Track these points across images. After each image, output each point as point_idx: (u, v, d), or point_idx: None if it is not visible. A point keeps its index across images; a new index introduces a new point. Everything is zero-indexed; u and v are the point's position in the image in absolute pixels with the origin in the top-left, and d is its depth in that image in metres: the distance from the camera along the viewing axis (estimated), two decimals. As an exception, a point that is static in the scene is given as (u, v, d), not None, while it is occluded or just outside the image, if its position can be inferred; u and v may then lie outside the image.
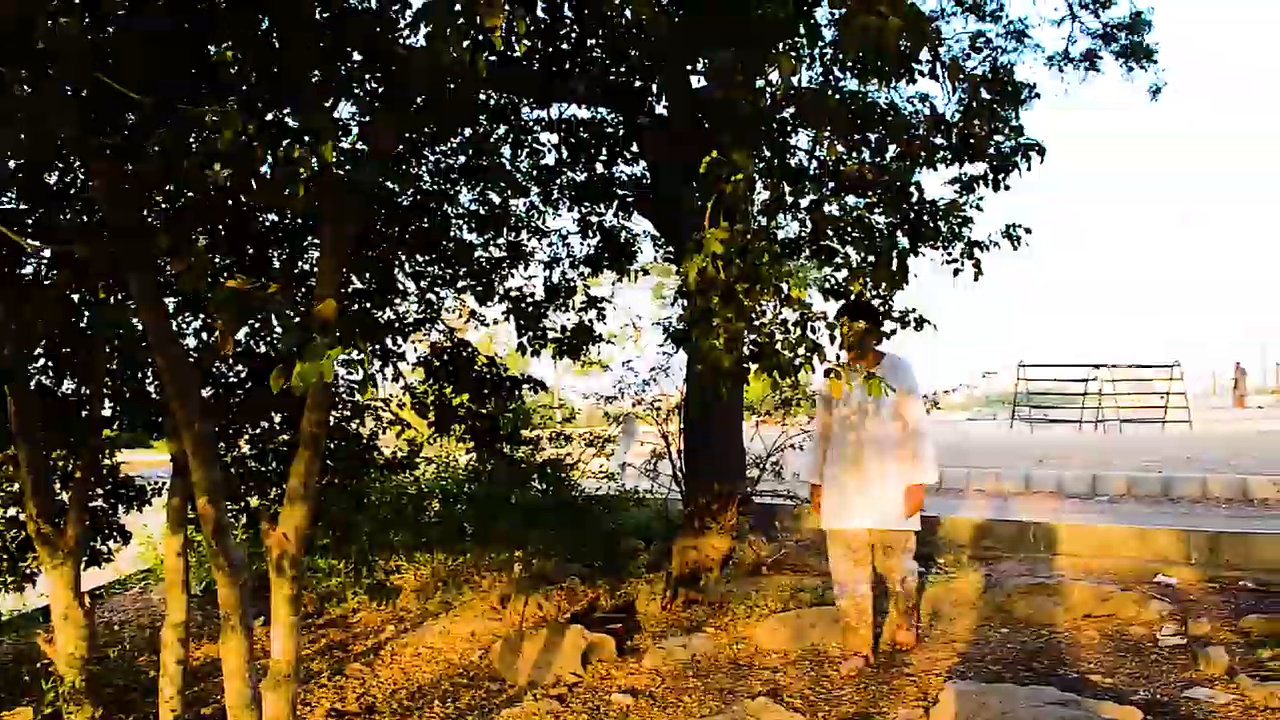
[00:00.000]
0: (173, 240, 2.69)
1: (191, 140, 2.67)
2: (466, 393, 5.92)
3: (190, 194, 3.30)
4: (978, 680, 4.74)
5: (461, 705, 5.17)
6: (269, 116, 2.97)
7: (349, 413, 6.36)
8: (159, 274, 3.38)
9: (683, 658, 5.72)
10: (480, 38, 2.23)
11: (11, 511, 5.90)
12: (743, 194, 3.18)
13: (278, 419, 6.20)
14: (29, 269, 4.55)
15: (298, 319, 2.59)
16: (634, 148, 7.34)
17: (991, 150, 4.68)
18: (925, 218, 4.40)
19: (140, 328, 5.01)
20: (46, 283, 4.40)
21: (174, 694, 4.94)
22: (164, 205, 3.76)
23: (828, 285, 5.54)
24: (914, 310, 4.99)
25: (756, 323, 3.33)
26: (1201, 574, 6.80)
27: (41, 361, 5.30)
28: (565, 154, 7.11)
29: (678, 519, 7.87)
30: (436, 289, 6.18)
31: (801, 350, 3.25)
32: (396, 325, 5.69)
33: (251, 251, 5.04)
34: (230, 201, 3.73)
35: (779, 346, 3.24)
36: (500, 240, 6.47)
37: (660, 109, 6.87)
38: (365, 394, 2.49)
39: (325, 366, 2.11)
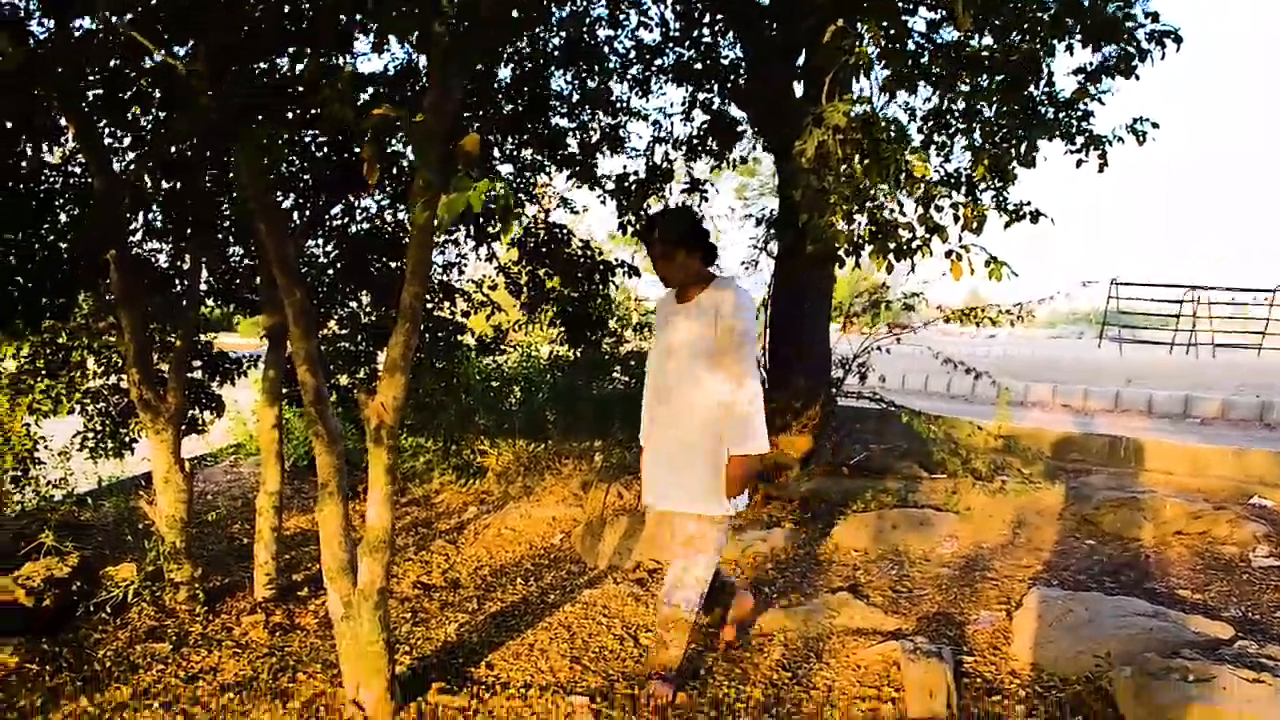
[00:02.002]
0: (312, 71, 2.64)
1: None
2: (559, 275, 5.90)
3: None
4: (1061, 589, 4.69)
5: (544, 584, 5.26)
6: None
7: (440, 294, 6.40)
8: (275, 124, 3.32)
9: (762, 550, 5.75)
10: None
11: (112, 380, 6.08)
12: (867, 65, 3.03)
13: (366, 300, 6.28)
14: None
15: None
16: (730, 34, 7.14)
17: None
18: (1048, 108, 4.16)
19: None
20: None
21: (269, 558, 5.11)
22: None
23: (943, 170, 5.18)
24: (1028, 203, 4.65)
25: (875, 202, 3.21)
26: (1299, 497, 6.62)
27: (139, 234, 5.40)
28: (674, 28, 6.89)
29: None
30: (528, 173, 6.11)
31: (921, 231, 3.13)
32: (491, 206, 5.63)
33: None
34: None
35: (898, 227, 3.12)
36: (597, 124, 6.35)
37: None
38: (508, 230, 2.43)
39: (474, 198, 2.08)
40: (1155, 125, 4.96)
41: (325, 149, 5.32)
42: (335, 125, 3.90)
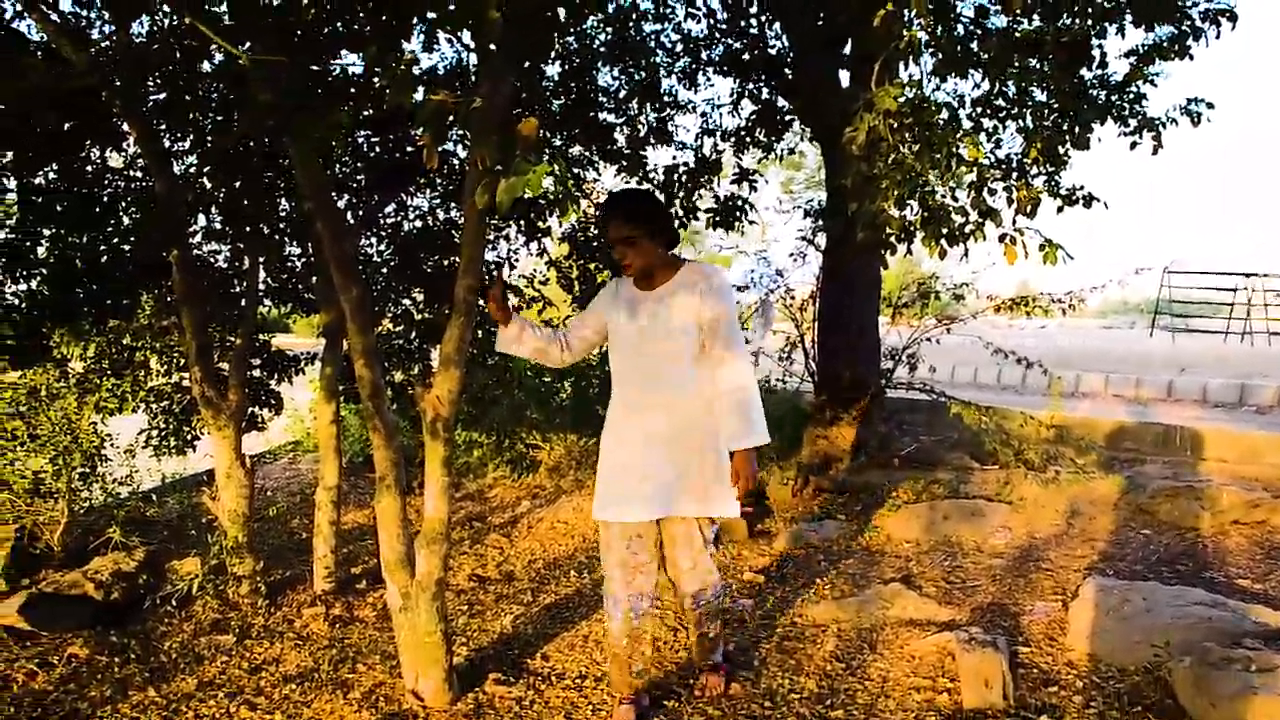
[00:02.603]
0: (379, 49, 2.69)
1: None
2: (610, 268, 5.94)
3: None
4: (1118, 579, 4.65)
5: (596, 576, 5.31)
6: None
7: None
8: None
9: (814, 542, 5.76)
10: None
11: (175, 379, 6.22)
12: (916, 50, 3.02)
13: (419, 297, 6.36)
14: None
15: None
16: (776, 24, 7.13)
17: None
18: (1100, 90, 4.11)
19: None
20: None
21: (327, 551, 5.21)
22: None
23: (994, 156, 5.07)
24: (1081, 187, 4.57)
25: (926, 187, 3.19)
26: (1361, 486, 6.50)
27: (199, 236, 5.53)
28: (720, 19, 6.88)
29: (809, 409, 7.85)
30: (576, 169, 6.15)
31: (974, 215, 3.10)
32: (542, 201, 5.69)
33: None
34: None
35: (951, 211, 3.10)
36: (645, 118, 6.38)
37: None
38: (565, 215, 2.46)
39: (533, 182, 2.10)
40: (1210, 106, 4.87)
41: (378, 149, 5.40)
42: (393, 112, 3.97)
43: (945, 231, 3.10)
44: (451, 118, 2.32)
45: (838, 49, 6.76)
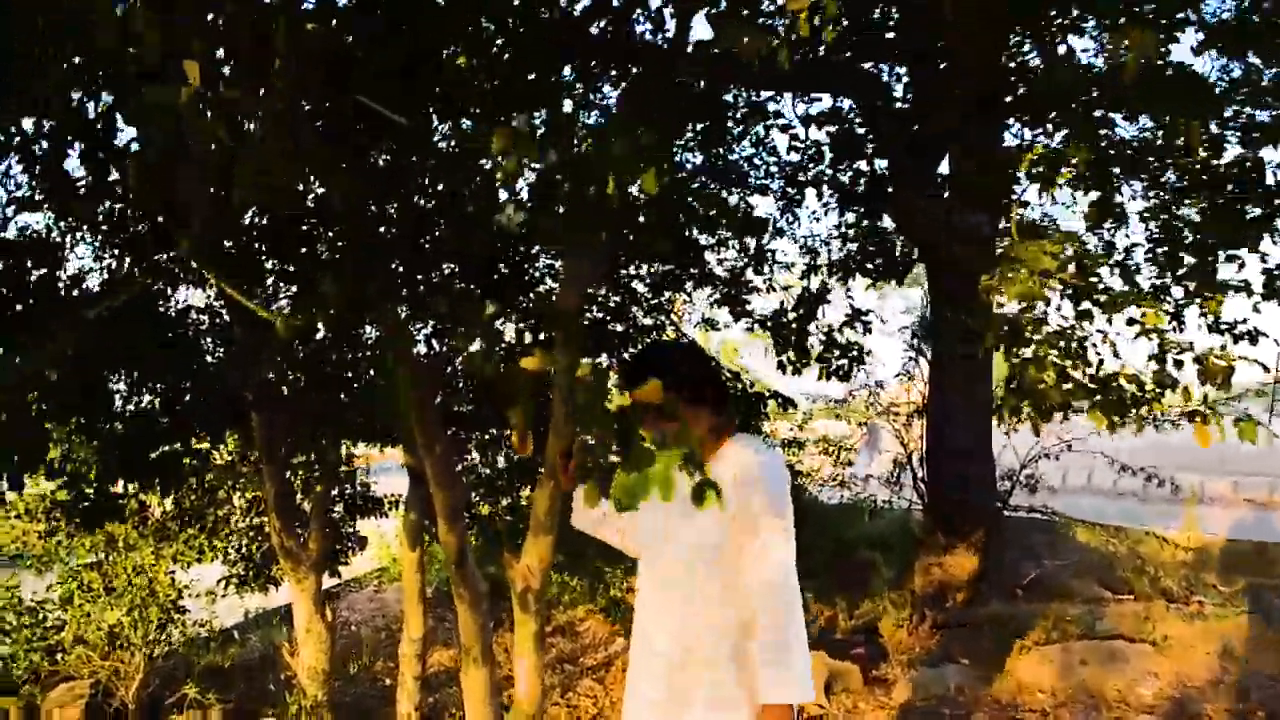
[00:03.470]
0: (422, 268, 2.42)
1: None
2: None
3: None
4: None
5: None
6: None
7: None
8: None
9: (938, 692, 5.25)
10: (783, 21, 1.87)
11: (256, 521, 6.03)
12: (1050, 176, 2.65)
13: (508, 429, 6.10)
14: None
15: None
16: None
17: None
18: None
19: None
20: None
21: (411, 709, 4.88)
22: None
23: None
24: (1243, 320, 4.03)
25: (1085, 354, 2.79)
26: None
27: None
28: (828, 148, 6.62)
29: (919, 532, 7.32)
30: (666, 291, 5.87)
31: (1150, 385, 2.67)
32: (630, 332, 5.41)
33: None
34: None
35: (1125, 380, 2.69)
36: (744, 245, 6.07)
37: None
38: (703, 504, 2.01)
39: (657, 476, 1.74)
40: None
41: (466, 279, 5.20)
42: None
43: (1115, 401, 2.68)
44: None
45: (933, 162, 6.42)
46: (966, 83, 4.54)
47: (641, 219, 2.91)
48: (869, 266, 6.95)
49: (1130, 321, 2.71)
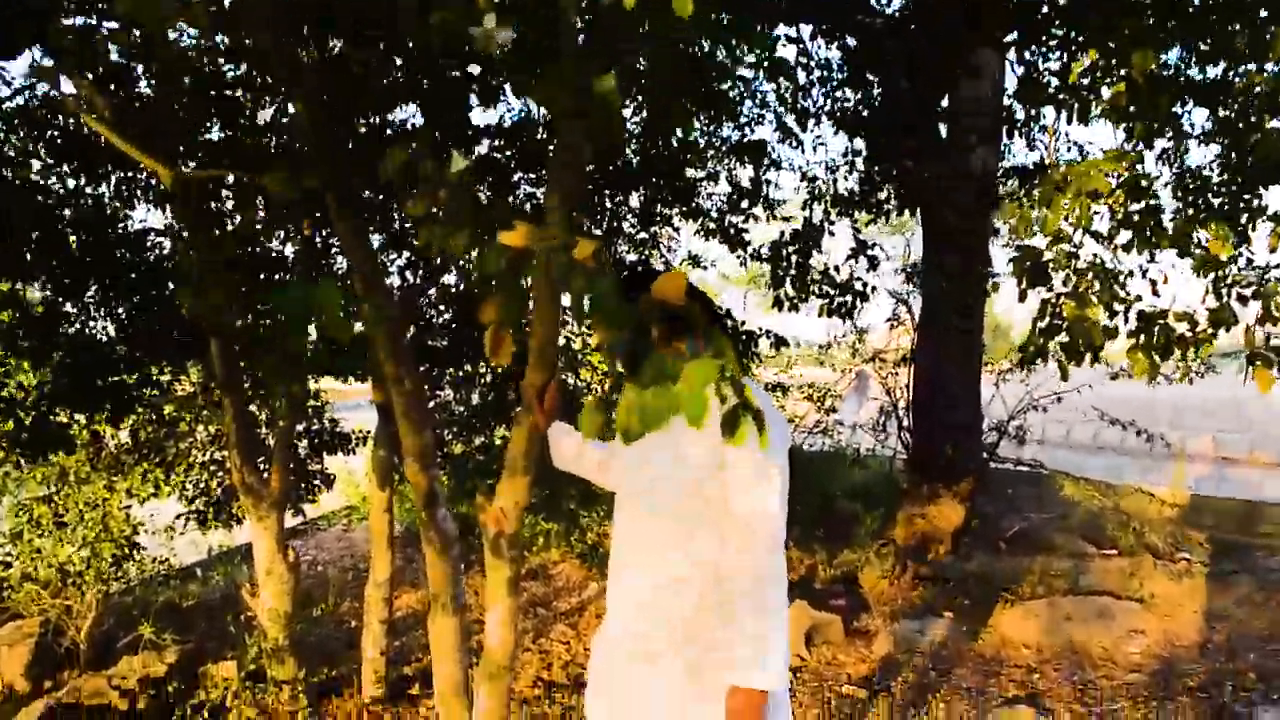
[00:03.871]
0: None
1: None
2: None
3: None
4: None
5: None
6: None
7: (562, 364, 5.95)
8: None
9: (920, 646, 5.10)
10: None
11: (217, 455, 5.79)
12: (1146, 103, 2.38)
13: (483, 365, 5.85)
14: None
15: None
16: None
17: None
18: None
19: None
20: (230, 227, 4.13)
21: (377, 654, 4.72)
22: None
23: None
24: None
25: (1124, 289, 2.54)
26: None
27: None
28: (844, 71, 6.29)
29: (903, 482, 7.15)
30: (655, 227, 5.59)
31: (1203, 325, 2.42)
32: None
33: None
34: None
35: (1174, 317, 2.44)
36: (734, 176, 5.78)
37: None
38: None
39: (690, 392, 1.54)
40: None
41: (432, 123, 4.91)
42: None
43: (1160, 343, 2.42)
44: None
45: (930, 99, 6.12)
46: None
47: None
48: (871, 201, 6.66)
49: (1187, 251, 2.45)
